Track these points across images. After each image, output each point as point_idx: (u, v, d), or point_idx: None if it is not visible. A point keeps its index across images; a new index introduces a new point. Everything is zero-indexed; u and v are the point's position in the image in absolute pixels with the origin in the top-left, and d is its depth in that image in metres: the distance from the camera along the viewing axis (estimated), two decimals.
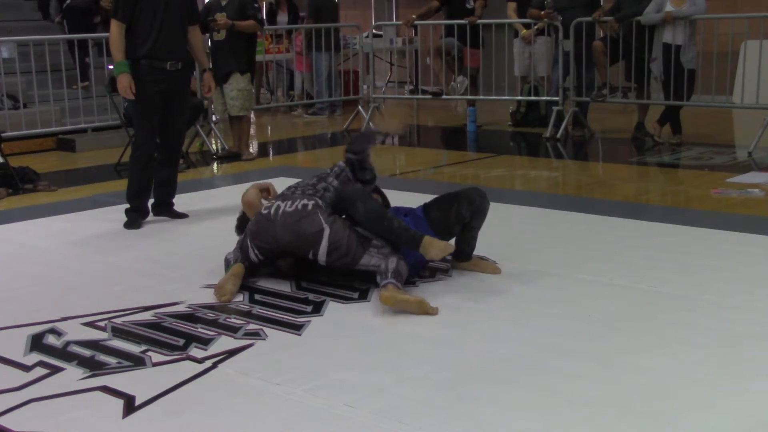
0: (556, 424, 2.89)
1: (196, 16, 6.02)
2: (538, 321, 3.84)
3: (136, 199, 5.75)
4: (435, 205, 4.44)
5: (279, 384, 3.23)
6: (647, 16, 8.47)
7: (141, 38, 5.57)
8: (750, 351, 3.47)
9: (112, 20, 5.61)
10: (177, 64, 5.67)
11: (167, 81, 5.65)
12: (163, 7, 5.59)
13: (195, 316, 3.97)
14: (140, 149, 5.77)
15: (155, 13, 5.57)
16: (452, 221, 4.34)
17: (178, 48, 5.72)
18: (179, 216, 5.90)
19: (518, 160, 8.89)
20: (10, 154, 7.58)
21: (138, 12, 5.55)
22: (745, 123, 9.60)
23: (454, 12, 9.99)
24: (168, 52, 5.63)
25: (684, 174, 7.51)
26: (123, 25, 5.56)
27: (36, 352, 3.59)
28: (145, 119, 5.71)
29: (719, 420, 2.90)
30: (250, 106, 8.52)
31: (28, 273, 4.74)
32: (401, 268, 4.04)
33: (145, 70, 5.59)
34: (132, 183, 5.77)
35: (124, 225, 5.68)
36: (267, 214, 4.27)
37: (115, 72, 5.63)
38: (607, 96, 9.08)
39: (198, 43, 6.01)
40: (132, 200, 5.76)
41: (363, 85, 11.43)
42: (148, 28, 5.57)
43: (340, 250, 4.13)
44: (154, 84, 5.62)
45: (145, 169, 5.74)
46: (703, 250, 4.86)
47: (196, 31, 5.99)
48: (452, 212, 4.34)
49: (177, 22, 5.70)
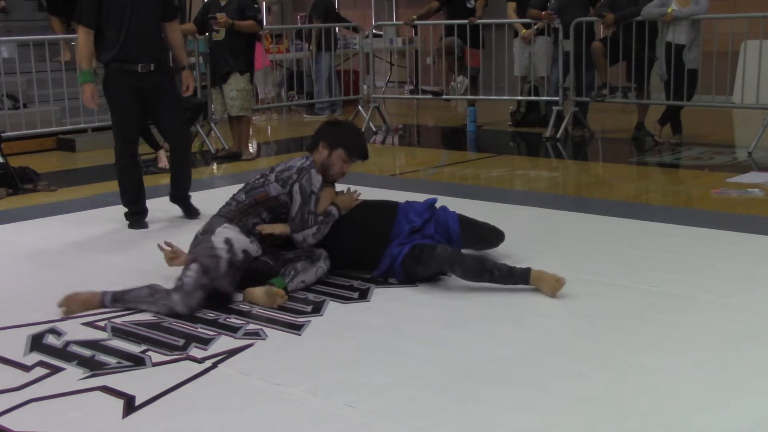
0: (556, 424, 2.89)
1: (171, 12, 5.73)
2: (538, 321, 3.84)
3: (131, 203, 5.73)
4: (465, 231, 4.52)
5: (279, 384, 3.23)
6: (647, 9, 8.47)
7: (109, 42, 5.38)
8: (750, 351, 3.47)
9: (79, 27, 5.43)
10: (149, 66, 5.44)
11: (142, 84, 5.45)
12: (130, 8, 5.36)
13: (195, 316, 3.96)
14: (120, 160, 5.67)
15: (122, 14, 5.35)
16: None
17: (150, 49, 5.48)
18: (192, 211, 5.85)
19: (518, 160, 8.90)
20: (10, 154, 7.58)
21: (104, 16, 5.34)
22: (745, 123, 9.59)
23: (455, 12, 9.99)
24: (138, 54, 5.41)
25: (684, 174, 7.51)
26: (90, 31, 5.37)
27: (36, 352, 3.59)
28: (120, 128, 5.58)
29: (719, 420, 2.90)
30: (249, 106, 8.52)
31: (28, 273, 4.74)
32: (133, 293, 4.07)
33: (115, 74, 5.44)
34: (123, 191, 5.73)
35: (128, 226, 5.66)
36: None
37: (80, 81, 5.46)
38: (607, 96, 9.08)
39: (176, 40, 5.74)
40: (128, 205, 5.74)
41: (363, 85, 11.43)
42: (117, 30, 5.36)
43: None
44: (127, 88, 5.44)
45: (131, 178, 5.68)
46: (703, 250, 4.86)
47: (174, 26, 5.72)
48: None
49: (147, 22, 5.45)
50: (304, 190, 4.26)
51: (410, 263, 4.29)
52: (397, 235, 4.39)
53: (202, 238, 4.25)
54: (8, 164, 7.10)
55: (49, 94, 9.28)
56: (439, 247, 4.25)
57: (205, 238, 4.22)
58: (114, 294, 4.07)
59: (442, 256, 4.21)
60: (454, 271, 4.21)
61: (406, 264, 4.29)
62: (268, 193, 4.31)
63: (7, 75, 9.07)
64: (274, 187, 4.31)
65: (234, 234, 4.21)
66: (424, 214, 4.48)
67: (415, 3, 13.19)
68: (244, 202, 4.33)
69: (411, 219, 4.43)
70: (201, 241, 4.23)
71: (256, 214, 4.32)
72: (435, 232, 4.43)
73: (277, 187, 4.30)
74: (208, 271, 4.03)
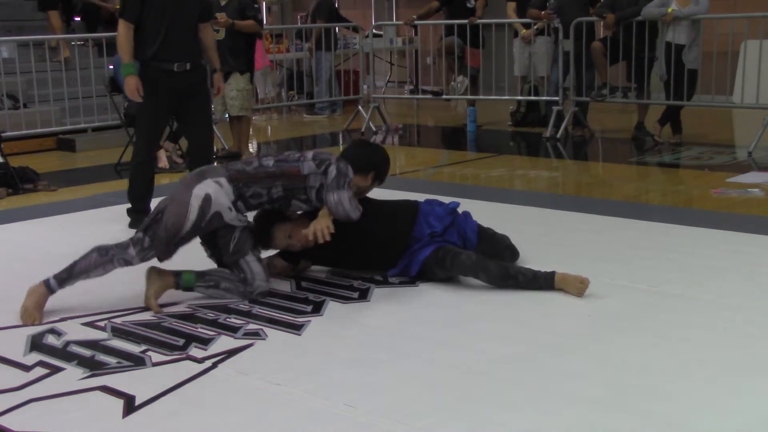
0: (556, 424, 2.89)
1: (207, 13, 5.76)
2: (538, 321, 3.84)
3: (138, 201, 5.69)
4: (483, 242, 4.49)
5: (279, 384, 3.23)
6: (647, 9, 8.47)
7: (148, 39, 5.38)
8: (750, 351, 3.47)
9: (120, 20, 5.43)
10: (185, 65, 5.46)
11: (176, 83, 5.46)
12: (172, 7, 5.39)
13: (195, 316, 3.97)
14: (139, 156, 5.63)
15: (163, 12, 5.37)
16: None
17: (187, 49, 5.50)
18: None
19: (518, 160, 8.90)
20: (10, 154, 7.58)
21: (146, 12, 5.35)
22: (745, 123, 9.59)
23: (455, 11, 9.99)
24: (176, 53, 5.43)
25: (684, 174, 7.51)
26: (131, 26, 5.37)
27: (36, 352, 3.59)
28: (149, 123, 5.57)
29: (719, 420, 2.90)
30: (249, 106, 8.51)
31: (28, 273, 4.73)
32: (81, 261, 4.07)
33: (152, 71, 5.43)
34: (133, 187, 5.68)
35: (129, 225, 5.64)
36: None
37: (123, 74, 5.45)
38: (607, 96, 9.08)
39: (209, 42, 5.76)
40: (134, 202, 5.71)
41: (363, 85, 11.43)
42: (156, 28, 5.37)
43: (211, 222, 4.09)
44: (163, 86, 5.44)
45: (145, 176, 5.65)
46: (703, 250, 4.86)
47: (208, 29, 5.75)
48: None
49: (186, 22, 5.49)
50: (341, 170, 4.13)
51: (432, 263, 4.27)
52: (418, 238, 4.34)
53: (189, 180, 4.14)
54: (8, 164, 7.10)
55: (49, 94, 9.29)
56: (463, 255, 4.22)
57: (189, 185, 4.09)
58: (56, 276, 4.06)
59: (467, 264, 4.20)
60: (479, 277, 4.20)
61: (427, 263, 4.27)
62: (299, 170, 4.15)
63: (7, 75, 9.08)
64: (308, 165, 4.16)
65: (218, 193, 4.06)
66: (445, 219, 4.41)
67: (415, 3, 13.18)
68: (269, 168, 4.15)
69: (432, 224, 4.36)
70: (186, 185, 4.11)
71: (267, 186, 4.13)
72: (456, 239, 4.39)
73: (312, 166, 4.15)
74: (167, 229, 4.04)
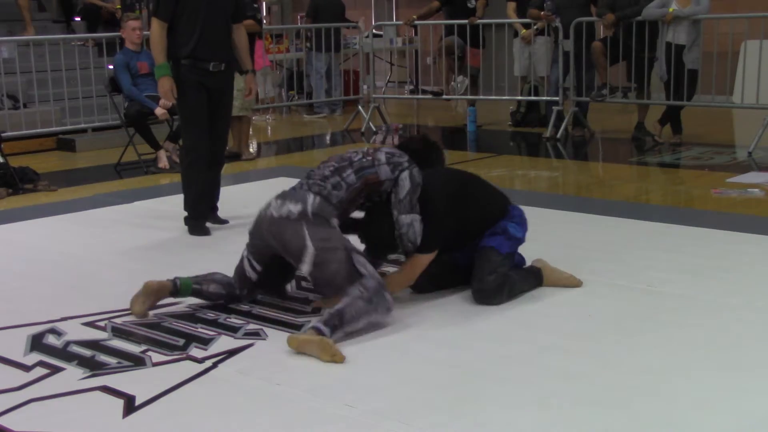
0: (556, 424, 2.89)
1: (240, 13, 5.63)
2: (538, 321, 3.84)
3: (197, 206, 5.49)
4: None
5: (279, 384, 3.23)
6: (648, 10, 8.47)
7: (183, 38, 5.25)
8: (750, 351, 3.47)
9: (153, 19, 5.30)
10: (220, 65, 5.35)
11: (211, 82, 5.34)
12: (206, 5, 5.26)
13: (195, 316, 3.97)
14: (192, 153, 5.44)
15: (198, 11, 5.24)
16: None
17: (222, 48, 5.39)
18: (220, 222, 5.63)
19: (518, 160, 8.90)
20: (10, 154, 7.58)
21: (180, 10, 5.23)
22: (745, 123, 9.59)
23: (456, 11, 9.99)
24: (211, 52, 5.31)
25: (684, 174, 7.51)
26: (165, 25, 5.25)
27: (36, 352, 3.59)
28: (193, 121, 5.41)
29: (719, 420, 2.90)
30: (249, 105, 8.51)
31: (28, 273, 4.74)
32: (347, 309, 3.59)
33: (187, 70, 5.29)
34: (189, 191, 5.48)
35: (189, 232, 5.46)
36: (261, 211, 3.92)
37: (157, 75, 5.33)
38: (607, 96, 9.08)
39: (242, 42, 5.55)
40: (193, 209, 5.49)
41: (363, 85, 11.43)
42: (191, 27, 5.24)
43: (324, 274, 3.72)
44: (198, 85, 5.31)
45: (201, 172, 5.45)
46: (703, 250, 4.86)
47: (241, 29, 5.56)
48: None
49: (221, 21, 5.37)
50: (413, 179, 3.90)
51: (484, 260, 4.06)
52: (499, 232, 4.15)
53: (315, 225, 3.74)
54: (8, 164, 7.10)
55: (49, 94, 9.28)
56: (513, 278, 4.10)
57: (318, 231, 3.72)
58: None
59: (490, 291, 4.02)
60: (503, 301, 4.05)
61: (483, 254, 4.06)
62: (378, 176, 3.89)
63: (7, 75, 9.08)
64: (384, 170, 3.90)
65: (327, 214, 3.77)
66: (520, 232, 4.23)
67: (415, 3, 13.18)
68: (355, 185, 3.86)
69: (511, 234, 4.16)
70: (315, 228, 3.72)
71: (359, 202, 3.91)
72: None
73: (387, 171, 3.90)
74: (340, 270, 3.69)
